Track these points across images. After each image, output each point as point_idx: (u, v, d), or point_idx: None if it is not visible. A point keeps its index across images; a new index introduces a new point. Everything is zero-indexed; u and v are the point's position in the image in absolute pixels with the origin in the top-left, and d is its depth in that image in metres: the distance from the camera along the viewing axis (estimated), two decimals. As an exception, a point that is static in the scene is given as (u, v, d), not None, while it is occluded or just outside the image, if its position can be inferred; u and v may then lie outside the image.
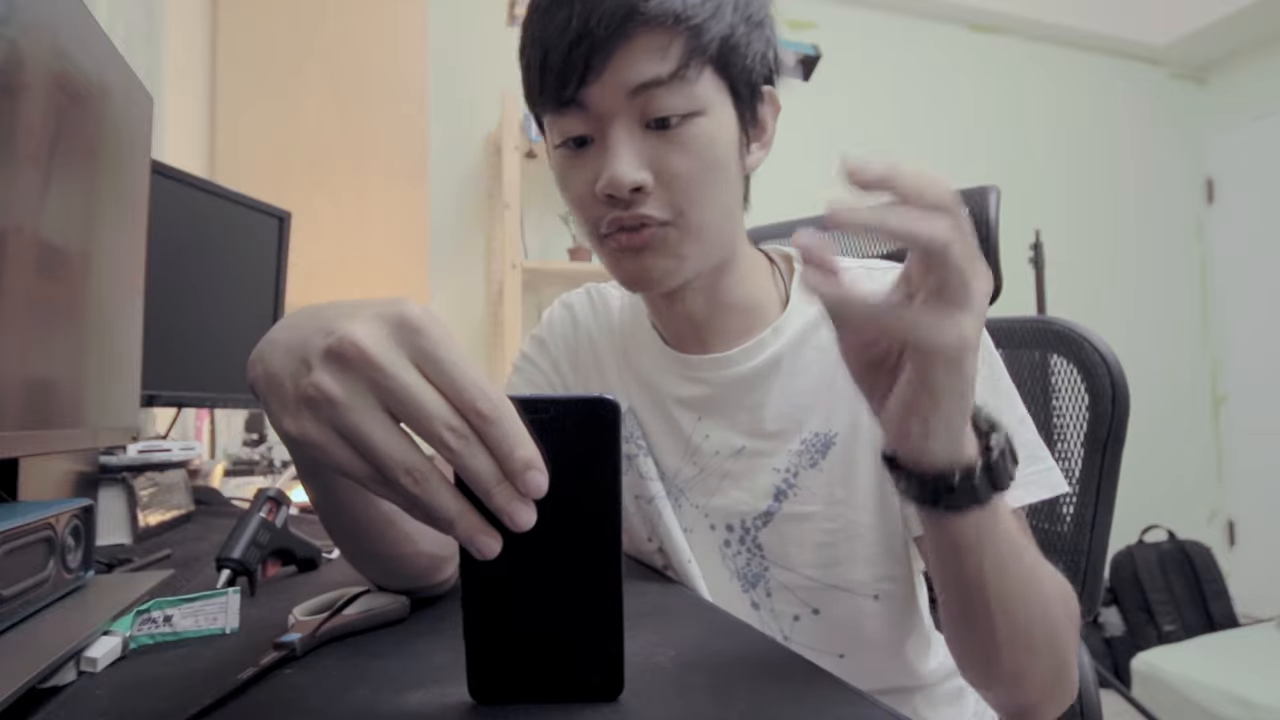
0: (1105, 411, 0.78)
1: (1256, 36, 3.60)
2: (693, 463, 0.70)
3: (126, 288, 0.71)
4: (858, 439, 0.63)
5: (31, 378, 0.51)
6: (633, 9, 0.53)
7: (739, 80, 0.59)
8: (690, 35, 0.54)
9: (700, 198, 0.58)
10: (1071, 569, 0.79)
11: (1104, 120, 3.77)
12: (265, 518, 0.66)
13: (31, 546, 0.47)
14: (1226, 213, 3.77)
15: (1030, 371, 0.86)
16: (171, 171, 1.05)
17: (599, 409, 0.36)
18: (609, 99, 0.56)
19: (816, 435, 0.65)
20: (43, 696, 0.41)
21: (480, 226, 2.77)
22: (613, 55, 0.54)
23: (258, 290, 1.26)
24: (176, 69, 1.80)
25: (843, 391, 0.62)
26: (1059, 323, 0.84)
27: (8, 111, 0.46)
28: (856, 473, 0.63)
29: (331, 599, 0.53)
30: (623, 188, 0.56)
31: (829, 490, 0.64)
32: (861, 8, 3.38)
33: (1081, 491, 0.80)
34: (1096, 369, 0.80)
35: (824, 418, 0.65)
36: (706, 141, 0.57)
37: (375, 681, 0.43)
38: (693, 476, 0.71)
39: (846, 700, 0.40)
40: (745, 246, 0.68)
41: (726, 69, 0.57)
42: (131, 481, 0.90)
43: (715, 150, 0.58)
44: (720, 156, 0.58)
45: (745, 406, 0.67)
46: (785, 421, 0.66)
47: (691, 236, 0.59)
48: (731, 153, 0.60)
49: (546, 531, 0.34)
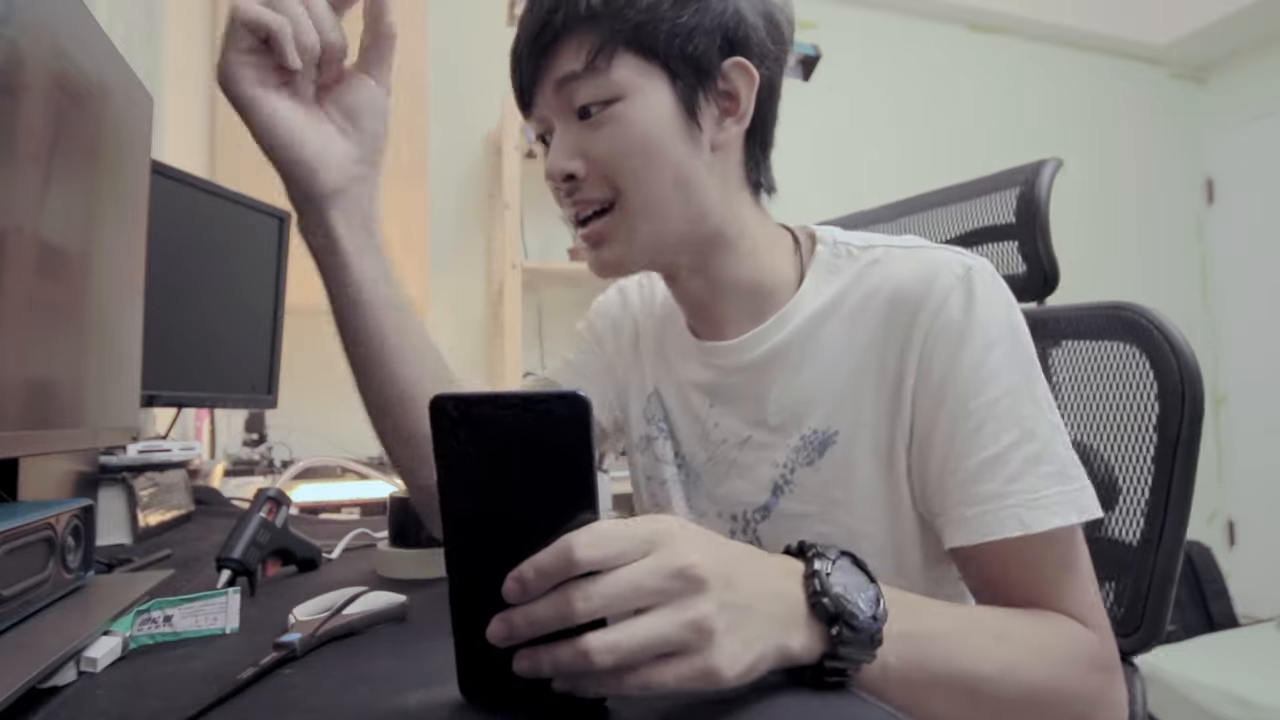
0: (1174, 409, 0.69)
1: (1256, 36, 3.60)
2: (705, 449, 0.71)
3: (126, 288, 0.71)
4: (858, 440, 0.61)
5: (31, 378, 0.51)
6: (546, 22, 0.59)
7: (671, 59, 0.59)
8: (600, 29, 0.57)
9: (636, 177, 0.59)
10: (1133, 591, 0.72)
11: (1104, 120, 3.77)
12: (265, 518, 0.66)
13: (31, 546, 0.47)
14: (1226, 213, 3.77)
15: (1099, 364, 0.78)
16: (171, 171, 1.05)
17: (570, 405, 0.36)
18: (545, 100, 0.61)
19: (815, 432, 0.63)
20: (43, 696, 0.41)
21: (480, 226, 2.77)
22: (541, 62, 0.60)
23: (258, 290, 1.26)
24: (176, 69, 1.80)
25: (847, 388, 0.61)
26: (1129, 308, 0.75)
27: (8, 111, 0.46)
28: (856, 476, 0.61)
29: (331, 599, 0.53)
30: (555, 176, 0.61)
31: (826, 491, 0.62)
32: (861, 8, 3.38)
33: (1151, 501, 0.71)
34: (1164, 360, 0.70)
35: (825, 414, 0.62)
36: (627, 124, 0.59)
37: (375, 681, 0.43)
38: (705, 462, 0.71)
39: (847, 700, 0.40)
40: (752, 224, 0.65)
41: (650, 51, 0.58)
42: (131, 481, 0.90)
43: (641, 130, 0.59)
44: (649, 135, 0.59)
45: (750, 396, 0.67)
46: (785, 415, 0.65)
47: (637, 215, 0.61)
48: (669, 130, 0.59)
49: (525, 527, 0.35)
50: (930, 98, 3.47)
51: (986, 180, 0.90)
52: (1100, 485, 0.72)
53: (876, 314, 0.61)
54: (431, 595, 0.63)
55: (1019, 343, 0.57)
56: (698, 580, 0.36)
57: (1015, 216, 0.85)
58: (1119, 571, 0.74)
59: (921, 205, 0.98)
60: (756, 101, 0.62)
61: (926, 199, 0.98)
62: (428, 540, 0.72)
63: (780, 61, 0.64)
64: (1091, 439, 0.79)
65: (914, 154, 3.41)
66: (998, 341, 0.56)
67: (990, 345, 0.56)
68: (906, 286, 0.59)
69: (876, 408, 0.60)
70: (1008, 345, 0.56)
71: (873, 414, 0.60)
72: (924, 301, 0.58)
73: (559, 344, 2.82)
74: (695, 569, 0.36)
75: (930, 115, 3.46)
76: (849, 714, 0.38)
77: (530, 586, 0.35)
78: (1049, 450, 0.54)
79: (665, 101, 0.59)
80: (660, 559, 0.36)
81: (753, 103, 0.62)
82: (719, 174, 0.63)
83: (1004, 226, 0.86)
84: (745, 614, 0.38)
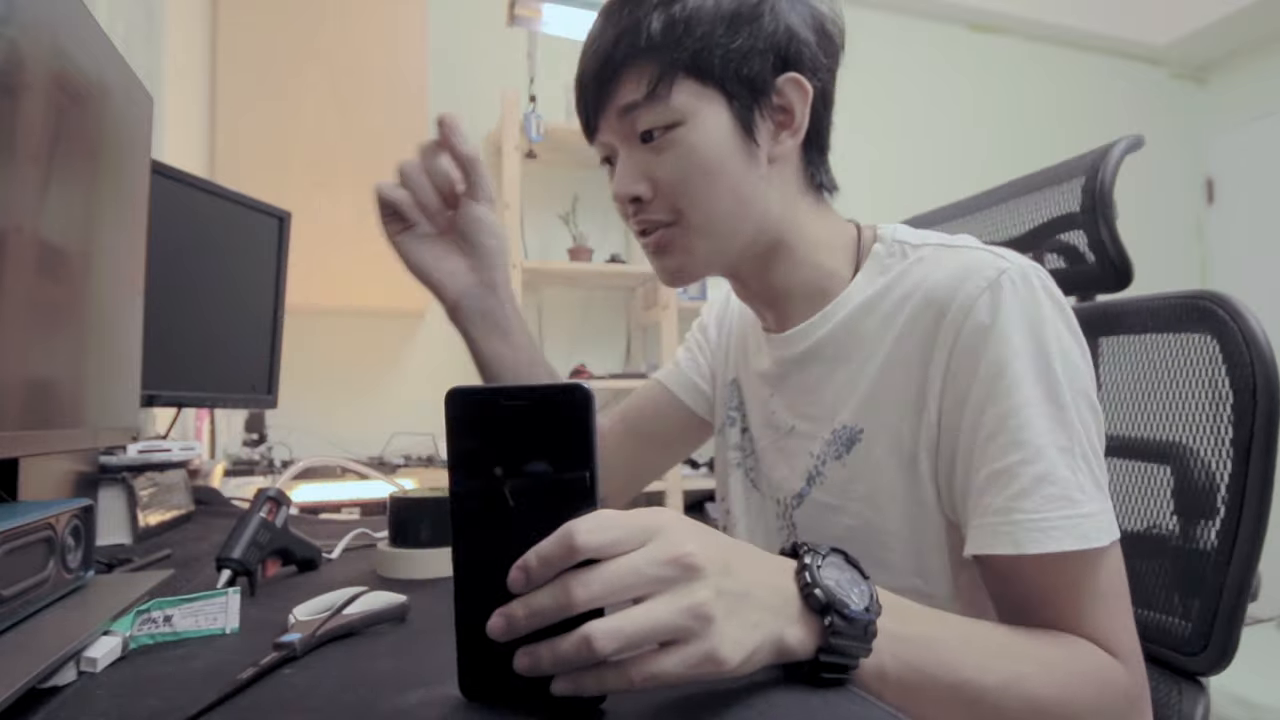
0: (1247, 407, 0.63)
1: (1256, 36, 3.60)
2: (766, 435, 0.76)
3: (126, 288, 0.71)
4: (880, 440, 0.62)
5: (31, 378, 0.51)
6: (609, 55, 0.62)
7: (727, 81, 0.61)
8: (659, 58, 0.60)
9: (695, 198, 0.63)
10: (1202, 607, 0.67)
11: (1104, 120, 3.77)
12: (265, 518, 0.66)
13: (31, 546, 0.47)
14: (1226, 213, 3.77)
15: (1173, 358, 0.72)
16: (171, 171, 1.05)
17: (570, 394, 0.37)
18: (609, 126, 0.65)
19: (845, 428, 0.65)
20: (43, 696, 0.41)
21: (480, 226, 2.77)
22: (605, 91, 0.63)
23: (258, 290, 1.26)
24: (176, 69, 1.80)
25: (875, 386, 0.63)
26: (1206, 296, 0.69)
27: (8, 111, 0.46)
28: (878, 475, 0.62)
29: (331, 599, 0.53)
30: (621, 199, 0.66)
31: (849, 486, 0.64)
32: (861, 8, 3.38)
33: (1226, 515, 0.65)
34: (1237, 353, 0.64)
35: (854, 411, 0.64)
36: (689, 148, 0.61)
37: (375, 681, 0.43)
38: (765, 447, 0.76)
39: (847, 698, 0.40)
40: (812, 227, 0.67)
41: (708, 76, 0.61)
42: (131, 481, 0.90)
43: (703, 153, 0.61)
44: (709, 157, 0.62)
45: (798, 387, 0.71)
46: (822, 408, 0.68)
47: (695, 233, 0.64)
48: (727, 149, 0.62)
49: (528, 519, 0.36)
50: (930, 98, 3.47)
51: (1054, 170, 0.86)
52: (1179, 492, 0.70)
53: (909, 314, 0.61)
54: (431, 595, 0.63)
55: (1044, 354, 0.55)
56: (694, 568, 0.36)
57: (1080, 207, 0.80)
58: (1188, 583, 0.68)
59: (986, 202, 0.94)
60: (811, 111, 0.64)
61: (991, 195, 0.94)
62: (428, 540, 0.72)
63: (833, 70, 0.66)
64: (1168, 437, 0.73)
65: (914, 154, 3.41)
66: (1021, 352, 0.55)
67: (1013, 355, 0.55)
68: (938, 288, 0.60)
69: (900, 409, 0.61)
70: (1031, 356, 0.55)
71: (896, 415, 0.61)
72: (950, 305, 0.58)
73: (559, 344, 2.82)
74: (692, 556, 0.36)
75: (930, 115, 3.46)
76: (849, 713, 0.38)
77: (534, 575, 0.35)
78: (1054, 473, 0.53)
79: (723, 123, 0.62)
80: (658, 547, 0.36)
81: (807, 114, 0.64)
82: (778, 184, 0.65)
83: (1069, 217, 0.81)
84: (743, 600, 0.38)
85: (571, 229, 2.74)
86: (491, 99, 2.64)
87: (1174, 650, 0.71)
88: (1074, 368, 0.56)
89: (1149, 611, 0.74)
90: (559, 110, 2.66)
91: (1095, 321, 0.80)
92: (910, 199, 3.41)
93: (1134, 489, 0.76)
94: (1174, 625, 0.71)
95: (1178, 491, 0.71)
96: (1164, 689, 0.73)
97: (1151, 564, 0.73)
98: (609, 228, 2.92)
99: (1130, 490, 0.77)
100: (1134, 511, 0.76)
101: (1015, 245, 0.89)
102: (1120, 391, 0.78)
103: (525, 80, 2.45)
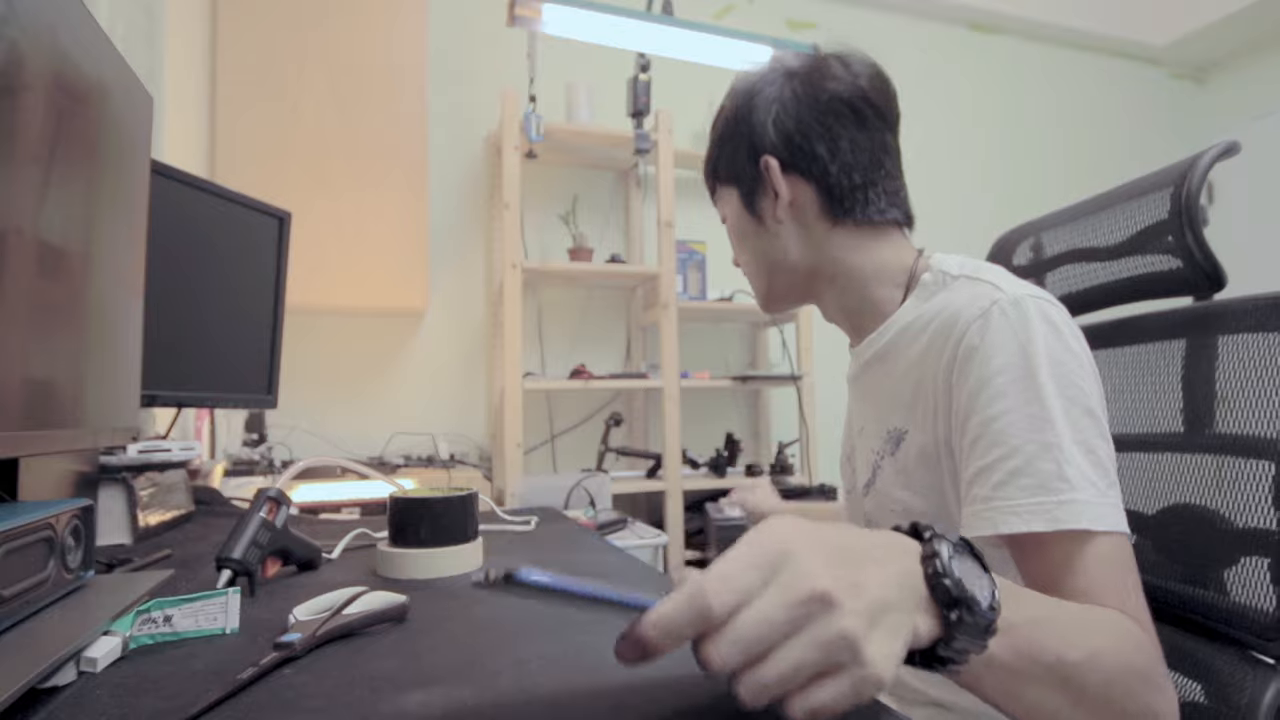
0: None
1: (1256, 36, 3.60)
2: (853, 433, 0.91)
3: (126, 288, 0.71)
4: (914, 441, 0.73)
5: (31, 378, 0.51)
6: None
7: (730, 175, 0.85)
8: (709, 180, 0.90)
9: (739, 256, 0.89)
10: None
11: (1104, 120, 3.77)
12: (265, 518, 0.66)
13: (31, 546, 0.47)
14: (1227, 213, 3.77)
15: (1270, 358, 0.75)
16: (171, 171, 1.05)
17: None
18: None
19: (895, 429, 0.76)
20: (43, 696, 0.41)
21: (480, 226, 2.77)
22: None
23: (258, 290, 1.26)
24: (176, 69, 1.80)
25: (912, 395, 0.74)
26: None
27: (8, 111, 0.46)
28: (913, 471, 0.73)
29: (331, 599, 0.53)
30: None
31: (896, 479, 0.75)
32: (861, 8, 3.38)
33: None
34: None
35: (902, 415, 0.75)
36: (729, 227, 0.88)
37: (375, 681, 0.43)
38: (853, 444, 0.91)
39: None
40: (850, 259, 0.81)
41: (721, 178, 0.87)
42: (131, 481, 0.90)
43: (731, 226, 0.87)
44: (734, 228, 0.87)
45: (863, 392, 0.85)
46: (879, 410, 0.80)
47: (750, 279, 0.89)
48: (744, 222, 0.84)
49: None
50: (930, 98, 3.47)
51: (1146, 179, 0.91)
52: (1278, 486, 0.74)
53: (932, 334, 0.72)
54: (431, 595, 0.63)
55: (1030, 368, 0.63)
56: (828, 601, 0.35)
57: (1168, 213, 0.85)
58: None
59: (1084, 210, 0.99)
60: (799, 171, 0.79)
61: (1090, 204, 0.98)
62: (428, 540, 0.72)
63: (809, 134, 0.79)
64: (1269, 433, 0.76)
65: (914, 154, 3.41)
66: (1005, 368, 0.63)
67: (994, 372, 0.64)
68: (950, 314, 0.70)
69: (928, 415, 0.71)
70: (1016, 372, 0.63)
71: (923, 419, 0.72)
72: (954, 328, 0.69)
73: (559, 344, 2.82)
74: (823, 590, 0.35)
75: (930, 115, 3.46)
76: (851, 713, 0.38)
77: (655, 649, 0.33)
78: (1031, 466, 0.60)
79: (736, 204, 0.85)
80: (787, 586, 0.35)
81: (783, 183, 0.79)
82: (796, 234, 0.81)
83: (1160, 224, 0.87)
84: (881, 609, 0.36)
85: (571, 229, 2.74)
86: (491, 99, 2.64)
87: (1256, 635, 0.75)
88: (1065, 379, 0.62)
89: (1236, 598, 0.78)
90: (559, 110, 2.66)
91: (1191, 322, 0.86)
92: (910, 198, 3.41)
93: (1238, 485, 0.80)
94: (1259, 612, 0.75)
95: (1277, 485, 0.74)
96: (1239, 672, 0.77)
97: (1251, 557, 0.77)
98: (609, 228, 2.92)
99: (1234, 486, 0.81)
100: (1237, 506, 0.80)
101: (1109, 253, 0.94)
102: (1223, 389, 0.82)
103: (525, 80, 2.45)
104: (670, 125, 2.61)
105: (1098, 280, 0.96)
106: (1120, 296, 0.95)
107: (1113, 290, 0.95)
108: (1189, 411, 0.86)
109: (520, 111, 2.41)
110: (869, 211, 0.79)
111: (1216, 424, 0.82)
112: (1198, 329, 0.84)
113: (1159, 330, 0.90)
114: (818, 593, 0.34)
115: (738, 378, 2.75)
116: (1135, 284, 0.92)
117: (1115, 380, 0.95)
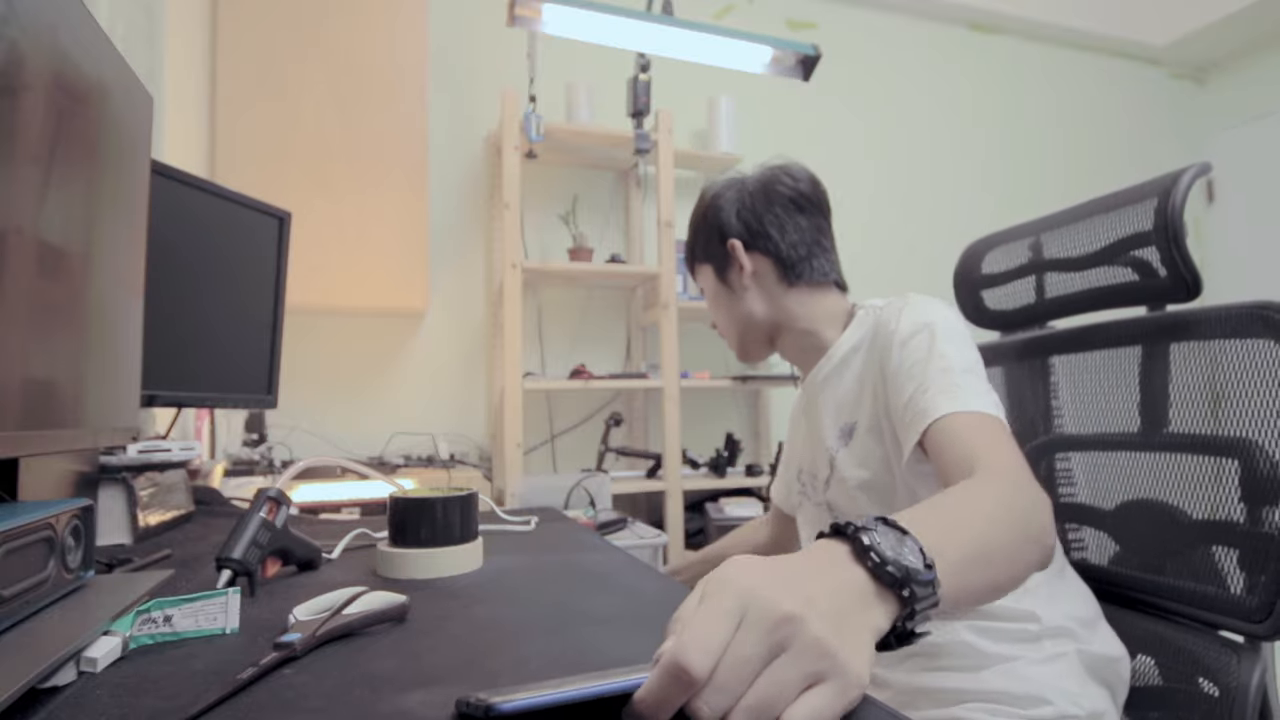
0: None
1: (1256, 36, 3.61)
2: (806, 453, 1.10)
3: (126, 288, 0.71)
4: (863, 423, 0.96)
5: (31, 378, 0.51)
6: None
7: (705, 256, 1.09)
8: (689, 260, 1.13)
9: (717, 319, 1.12)
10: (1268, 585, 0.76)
11: (1104, 120, 3.77)
12: (265, 518, 0.66)
13: (31, 546, 0.47)
14: (1225, 213, 3.77)
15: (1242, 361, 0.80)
16: (171, 171, 1.05)
17: None
18: None
19: (847, 424, 0.99)
20: (43, 696, 0.41)
21: (480, 226, 2.77)
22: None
23: (258, 290, 1.26)
24: (176, 69, 1.80)
25: (857, 391, 0.98)
26: (1271, 306, 0.76)
27: (8, 111, 0.46)
28: (865, 448, 0.95)
29: (331, 599, 0.53)
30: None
31: (853, 458, 0.97)
32: (861, 8, 3.38)
33: None
34: None
35: (851, 410, 0.99)
36: (707, 297, 1.12)
37: (375, 681, 0.43)
38: (808, 459, 1.09)
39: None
40: (803, 311, 1.04)
41: (697, 258, 1.11)
42: (131, 481, 0.90)
43: (708, 296, 1.11)
44: (710, 297, 1.11)
45: (816, 410, 1.05)
46: (834, 417, 1.01)
47: (726, 337, 1.12)
48: (719, 292, 1.08)
49: None
50: (930, 98, 3.47)
51: (1127, 192, 0.97)
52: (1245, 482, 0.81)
53: (868, 344, 0.97)
54: (431, 595, 0.63)
55: (929, 331, 0.88)
56: (794, 619, 0.37)
57: (1152, 226, 0.93)
58: (1254, 562, 0.78)
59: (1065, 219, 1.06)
60: (758, 248, 1.04)
61: (1069, 214, 1.05)
62: (428, 540, 0.72)
63: (763, 220, 1.04)
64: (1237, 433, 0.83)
65: (914, 154, 3.41)
66: (915, 334, 0.89)
67: (910, 335, 0.89)
68: (879, 322, 0.96)
69: (868, 399, 0.95)
70: (923, 336, 0.88)
71: (869, 404, 0.95)
72: (882, 327, 0.94)
73: (559, 344, 2.82)
74: (788, 612, 0.37)
75: (930, 115, 3.46)
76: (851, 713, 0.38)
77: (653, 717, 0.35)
78: (936, 381, 0.83)
79: (711, 279, 1.09)
80: (757, 623, 0.36)
81: (746, 258, 1.04)
82: (759, 297, 1.05)
83: (1143, 234, 0.94)
84: (839, 615, 0.39)
85: (571, 229, 2.74)
86: (491, 99, 2.64)
87: (1240, 619, 0.81)
88: (957, 342, 0.87)
89: (1215, 588, 0.84)
90: (559, 110, 2.66)
91: (1168, 329, 0.92)
92: (910, 198, 3.41)
93: (1206, 481, 0.87)
94: (1239, 599, 0.81)
95: (1244, 482, 0.81)
96: (1224, 656, 0.83)
97: (1221, 547, 0.84)
98: (609, 228, 2.92)
99: (1202, 482, 0.87)
100: (1206, 501, 0.86)
101: (1092, 260, 1.01)
102: (1191, 392, 0.89)
103: (525, 80, 2.45)
104: (670, 125, 2.61)
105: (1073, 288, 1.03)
106: (1100, 303, 1.01)
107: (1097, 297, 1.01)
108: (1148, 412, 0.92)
109: (520, 111, 2.41)
110: (814, 275, 1.04)
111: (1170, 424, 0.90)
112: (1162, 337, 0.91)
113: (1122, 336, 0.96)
114: (785, 614, 0.37)
115: (738, 378, 2.75)
116: (1115, 291, 0.98)
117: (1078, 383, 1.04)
